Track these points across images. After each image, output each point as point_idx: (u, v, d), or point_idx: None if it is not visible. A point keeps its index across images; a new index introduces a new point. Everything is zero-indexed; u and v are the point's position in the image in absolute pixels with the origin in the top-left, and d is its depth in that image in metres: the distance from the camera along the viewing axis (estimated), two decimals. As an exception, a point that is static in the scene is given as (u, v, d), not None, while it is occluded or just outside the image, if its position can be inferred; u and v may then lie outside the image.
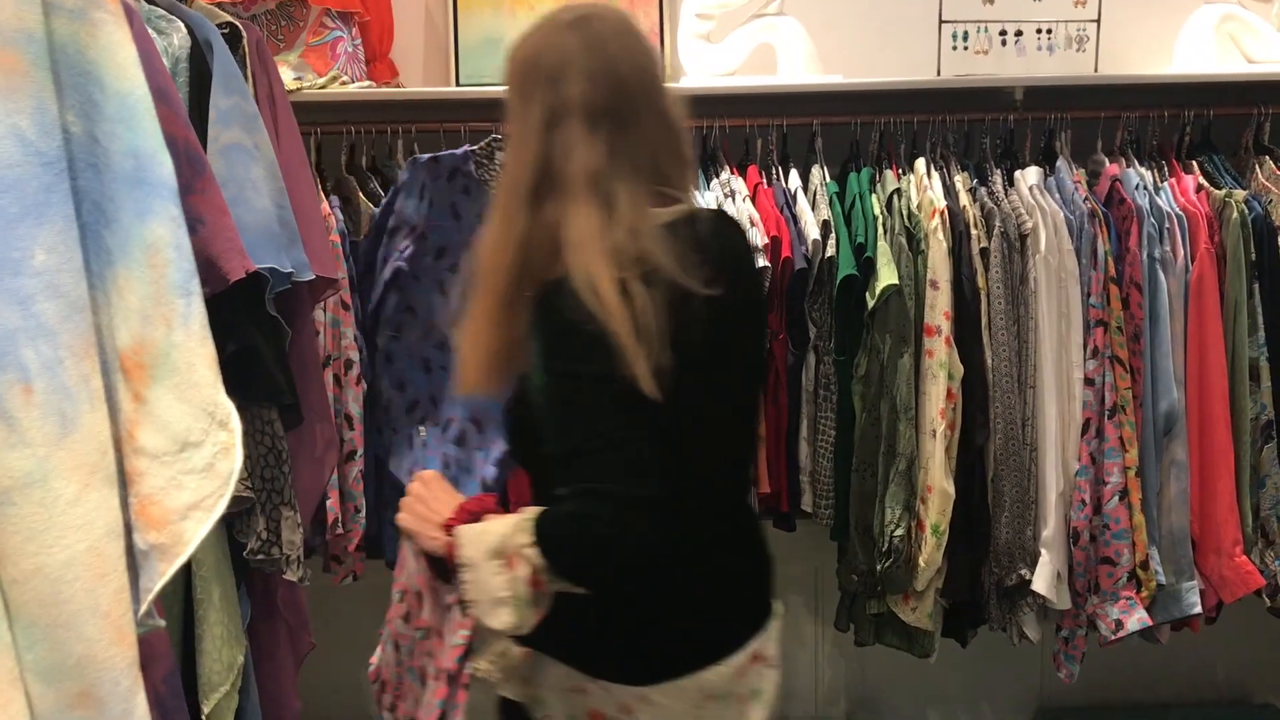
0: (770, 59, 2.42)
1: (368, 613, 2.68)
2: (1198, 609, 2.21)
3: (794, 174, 2.35)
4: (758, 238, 2.18)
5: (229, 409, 0.81)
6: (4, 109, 0.69)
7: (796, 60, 2.39)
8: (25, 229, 0.70)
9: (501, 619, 1.24)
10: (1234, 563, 2.20)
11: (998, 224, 2.22)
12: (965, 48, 2.44)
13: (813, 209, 2.27)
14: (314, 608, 2.00)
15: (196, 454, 0.80)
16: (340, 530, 2.10)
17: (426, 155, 2.06)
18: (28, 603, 0.68)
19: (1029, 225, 2.22)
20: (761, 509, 2.29)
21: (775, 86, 2.38)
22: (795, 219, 2.25)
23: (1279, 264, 2.24)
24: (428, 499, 1.36)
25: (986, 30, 2.44)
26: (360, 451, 2.14)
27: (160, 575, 0.77)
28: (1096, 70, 2.48)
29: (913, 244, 2.22)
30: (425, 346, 2.15)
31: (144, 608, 0.77)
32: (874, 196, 2.27)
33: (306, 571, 1.75)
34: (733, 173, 2.34)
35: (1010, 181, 2.32)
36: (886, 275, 2.17)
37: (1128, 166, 2.32)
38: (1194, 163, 2.36)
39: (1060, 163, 2.34)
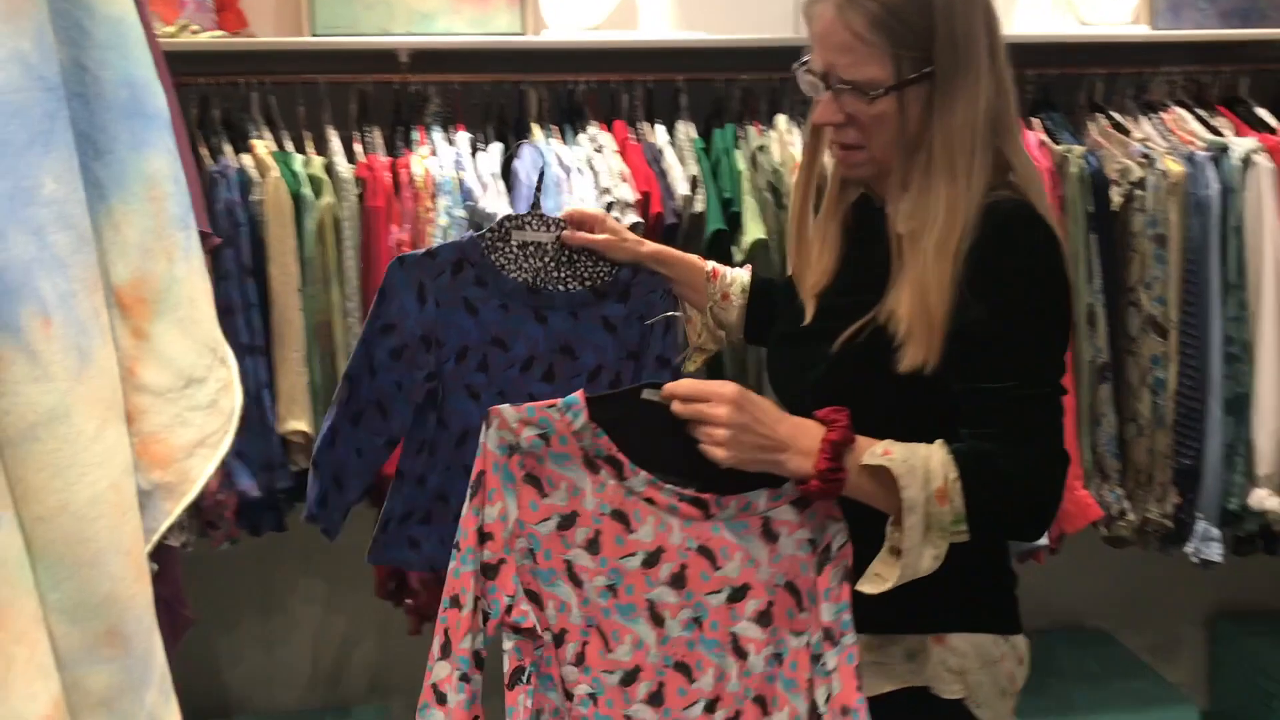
0: (632, 14, 2.43)
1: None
2: (1045, 541, 2.36)
3: (660, 129, 2.37)
4: (628, 193, 2.20)
5: (227, 346, 0.79)
6: (6, 31, 0.64)
7: (659, 16, 2.41)
8: (34, 157, 0.66)
9: (927, 563, 1.20)
10: (1074, 495, 2.36)
11: (857, 179, 2.30)
12: (822, 6, 2.50)
13: (680, 164, 2.30)
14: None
15: (200, 390, 0.78)
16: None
17: (417, 253, 1.69)
18: (53, 541, 0.65)
19: (886, 180, 2.30)
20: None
21: (639, 42, 2.40)
22: (664, 174, 2.27)
23: (1111, 216, 2.39)
24: (751, 422, 1.22)
25: (842, -11, 2.50)
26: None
27: (166, 515, 0.75)
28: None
29: (778, 199, 2.28)
30: (464, 455, 1.70)
31: (148, 548, 0.75)
32: (739, 152, 2.32)
33: (189, 537, 1.70)
34: (600, 128, 2.35)
35: (867, 137, 2.40)
36: (754, 229, 2.22)
37: (975, 123, 2.43)
38: (1036, 120, 2.48)
39: (913, 120, 2.42)
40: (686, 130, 2.38)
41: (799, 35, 2.45)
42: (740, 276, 1.66)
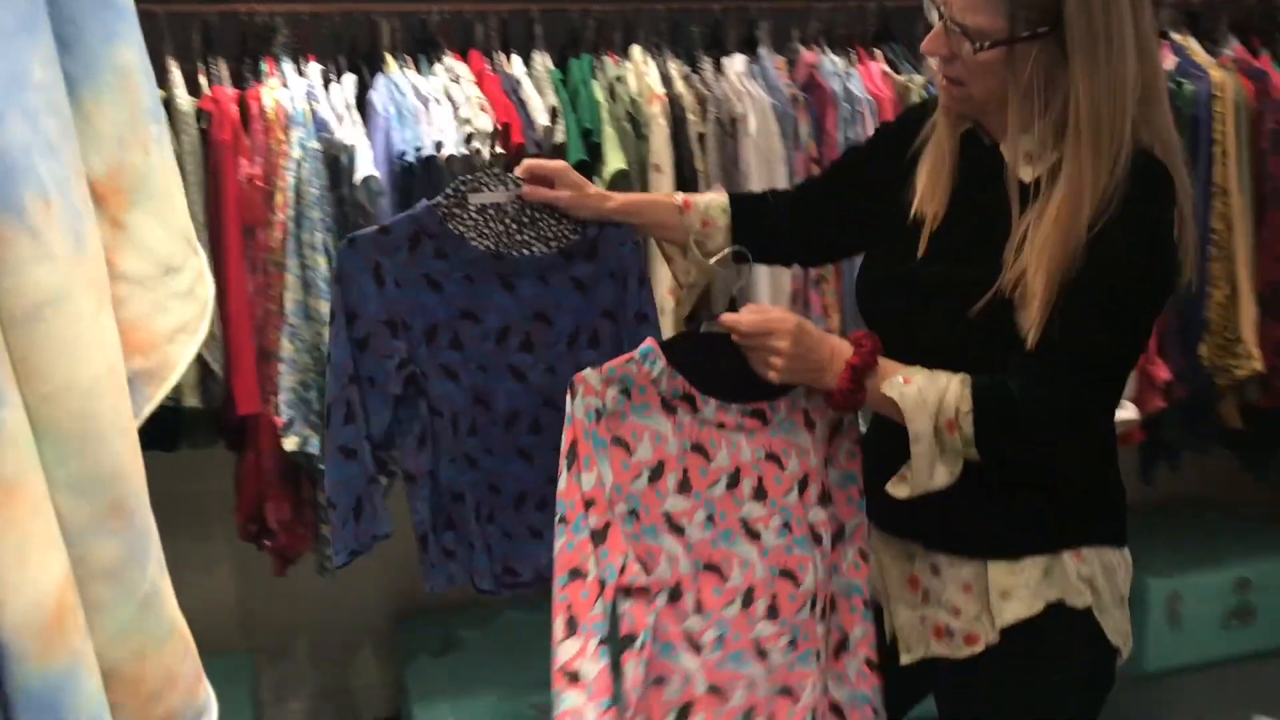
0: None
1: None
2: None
3: (516, 60, 2.37)
4: (488, 123, 2.19)
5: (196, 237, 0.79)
6: None
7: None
8: (24, 42, 0.66)
9: (940, 479, 1.33)
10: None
11: (712, 109, 2.35)
12: (673, -62, 2.53)
13: (538, 95, 2.30)
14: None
15: (178, 278, 0.79)
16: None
17: (368, 231, 1.57)
18: (60, 418, 0.67)
19: (739, 110, 2.36)
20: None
21: (492, -28, 2.38)
22: (523, 104, 2.28)
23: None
24: (804, 351, 1.35)
25: (693, -78, 2.53)
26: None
27: (149, 399, 0.75)
28: (790, -36, 2.64)
29: (636, 129, 2.31)
30: (466, 442, 1.66)
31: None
32: (596, 83, 2.34)
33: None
34: (455, 58, 2.33)
35: (719, 68, 2.45)
36: (615, 159, 2.25)
37: (822, 54, 2.51)
38: (877, 50, 2.58)
39: (762, 50, 2.49)
40: (543, 61, 2.38)
41: (651, -34, 2.49)
42: (716, 199, 1.63)
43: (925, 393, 1.32)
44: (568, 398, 1.34)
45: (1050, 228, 1.29)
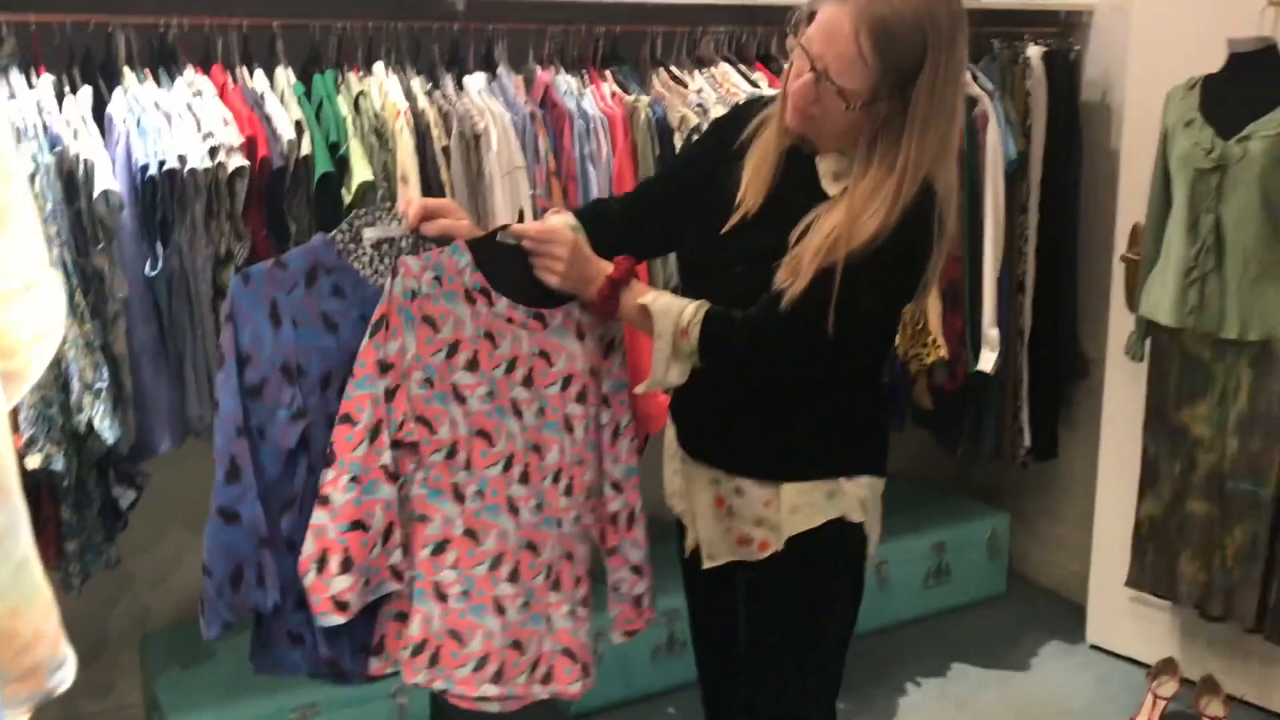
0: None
1: None
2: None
3: (259, 74, 2.40)
4: (233, 136, 2.22)
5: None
6: None
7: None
8: None
9: (674, 376, 1.66)
10: (657, 400, 2.69)
11: (455, 124, 2.47)
12: (411, -41, 2.63)
13: (283, 109, 2.35)
14: None
15: (37, 293, 0.87)
16: None
17: (263, 265, 1.49)
18: None
19: (481, 125, 2.49)
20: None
21: (231, -13, 2.40)
22: (268, 119, 2.32)
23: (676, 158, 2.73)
24: (578, 262, 1.65)
25: (428, -56, 2.64)
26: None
27: (13, 396, 0.81)
28: (524, -13, 2.79)
29: (382, 142, 2.40)
30: None
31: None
32: (340, 98, 2.41)
33: None
34: (197, 71, 2.34)
35: (460, 86, 2.57)
36: (361, 171, 2.33)
37: (557, 74, 2.67)
38: (607, 72, 2.77)
39: (500, 69, 2.63)
40: (286, 75, 2.43)
41: (391, -14, 2.57)
42: (565, 220, 1.79)
43: (670, 306, 1.65)
44: (389, 278, 1.54)
45: (831, 226, 1.57)
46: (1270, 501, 2.70)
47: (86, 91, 2.25)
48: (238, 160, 2.21)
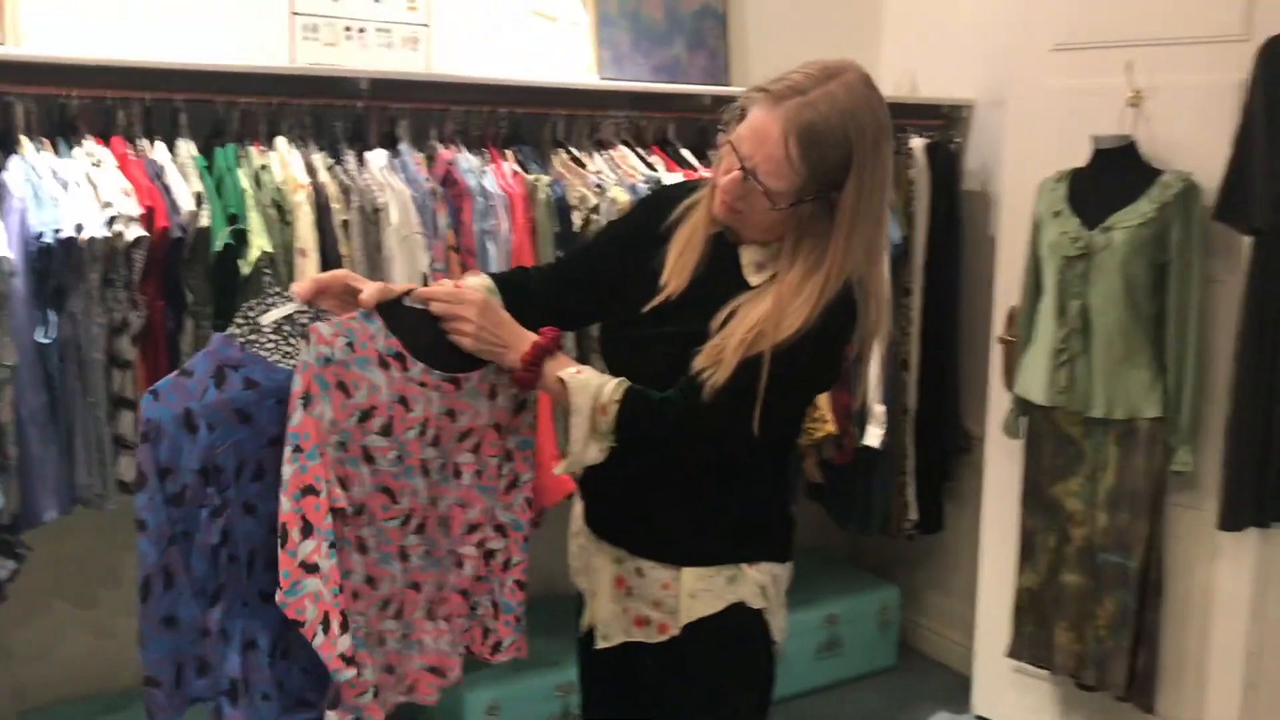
0: (128, 31, 2.47)
1: None
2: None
3: (160, 147, 2.43)
4: (132, 207, 2.25)
5: None
6: None
7: (154, 37, 2.47)
8: None
9: (592, 454, 1.64)
10: (549, 474, 2.73)
11: (355, 199, 2.52)
12: (316, 39, 2.69)
13: (183, 180, 2.38)
14: None
15: None
16: None
17: (167, 380, 1.51)
18: None
19: (382, 200, 2.54)
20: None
21: (134, 61, 2.43)
22: (167, 190, 2.34)
23: (573, 235, 2.81)
24: (490, 325, 1.65)
25: (334, 24, 2.71)
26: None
27: None
28: (428, 67, 2.87)
29: (282, 214, 2.44)
30: (261, 579, 1.61)
31: None
32: (241, 171, 2.45)
33: None
34: (97, 142, 2.37)
35: (362, 161, 2.63)
36: (261, 243, 2.36)
37: (458, 152, 2.74)
38: (509, 151, 2.85)
39: (403, 147, 2.70)
40: (187, 148, 2.46)
41: (294, 66, 2.64)
42: (480, 281, 1.81)
43: (588, 381, 1.65)
44: (302, 343, 1.55)
45: (756, 318, 1.61)
46: (1137, 573, 2.82)
47: (-18, 160, 2.26)
48: (136, 230, 2.23)
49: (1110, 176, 2.81)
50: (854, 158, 1.58)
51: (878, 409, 3.18)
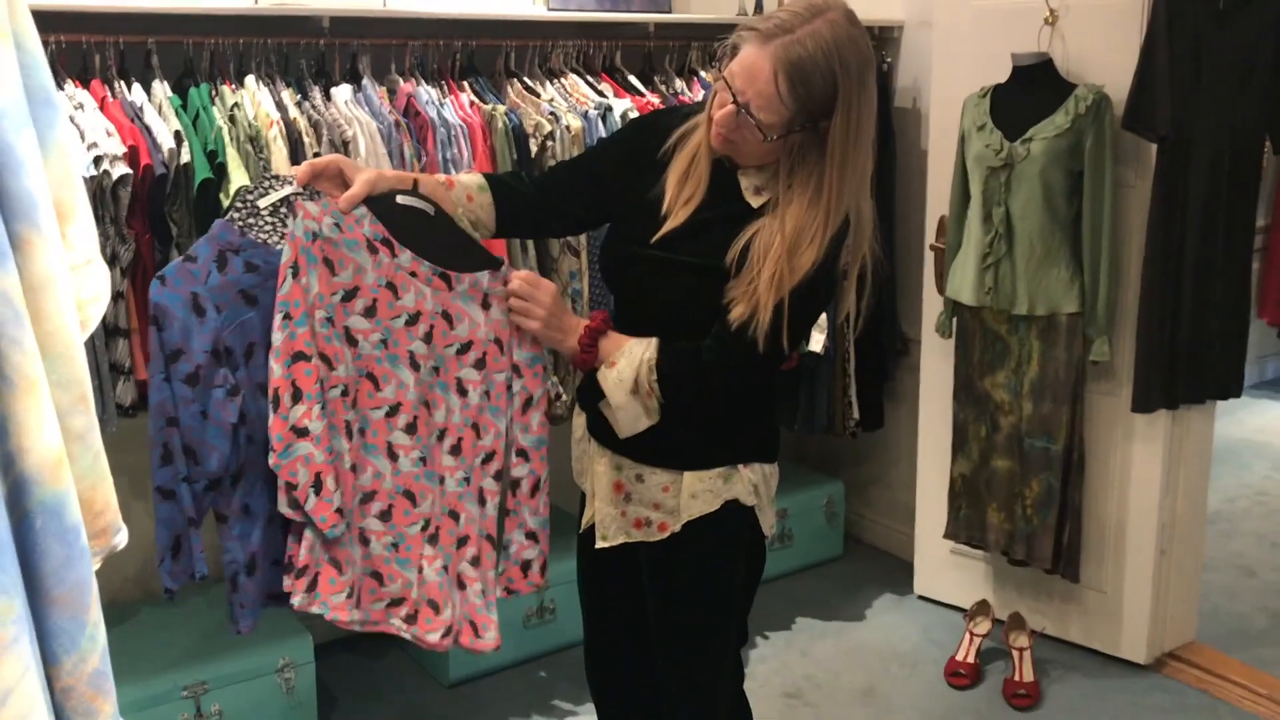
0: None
1: None
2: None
3: (137, 88, 2.55)
4: (116, 146, 2.37)
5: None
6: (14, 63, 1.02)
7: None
8: (28, 129, 1.03)
9: (643, 425, 1.82)
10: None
11: (325, 132, 2.67)
12: (277, -21, 2.80)
13: (161, 120, 2.51)
14: None
15: (93, 266, 1.12)
16: None
17: (172, 265, 1.59)
18: (54, 344, 1.03)
19: (350, 133, 2.69)
20: (140, 393, 2.53)
21: (109, 6, 2.54)
22: (148, 129, 2.47)
23: (531, 161, 2.97)
24: (558, 314, 1.81)
25: (294, -35, 2.82)
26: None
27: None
28: (385, 4, 2.99)
29: (257, 149, 2.58)
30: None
31: None
32: (215, 109, 2.58)
33: None
34: (76, 86, 2.48)
35: (328, 97, 2.77)
36: (238, 177, 2.50)
37: (418, 85, 2.89)
38: (465, 83, 2.99)
39: (365, 82, 2.83)
40: (162, 89, 2.58)
41: (257, 7, 2.75)
42: (473, 179, 1.91)
43: (624, 373, 1.80)
44: (290, 218, 1.63)
45: (775, 258, 1.72)
46: (1061, 456, 3.10)
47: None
48: (121, 169, 2.36)
49: (1029, 91, 3.02)
50: (840, 90, 1.68)
51: (820, 317, 3.40)
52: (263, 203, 1.67)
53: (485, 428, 1.83)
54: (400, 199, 1.72)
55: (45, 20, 2.50)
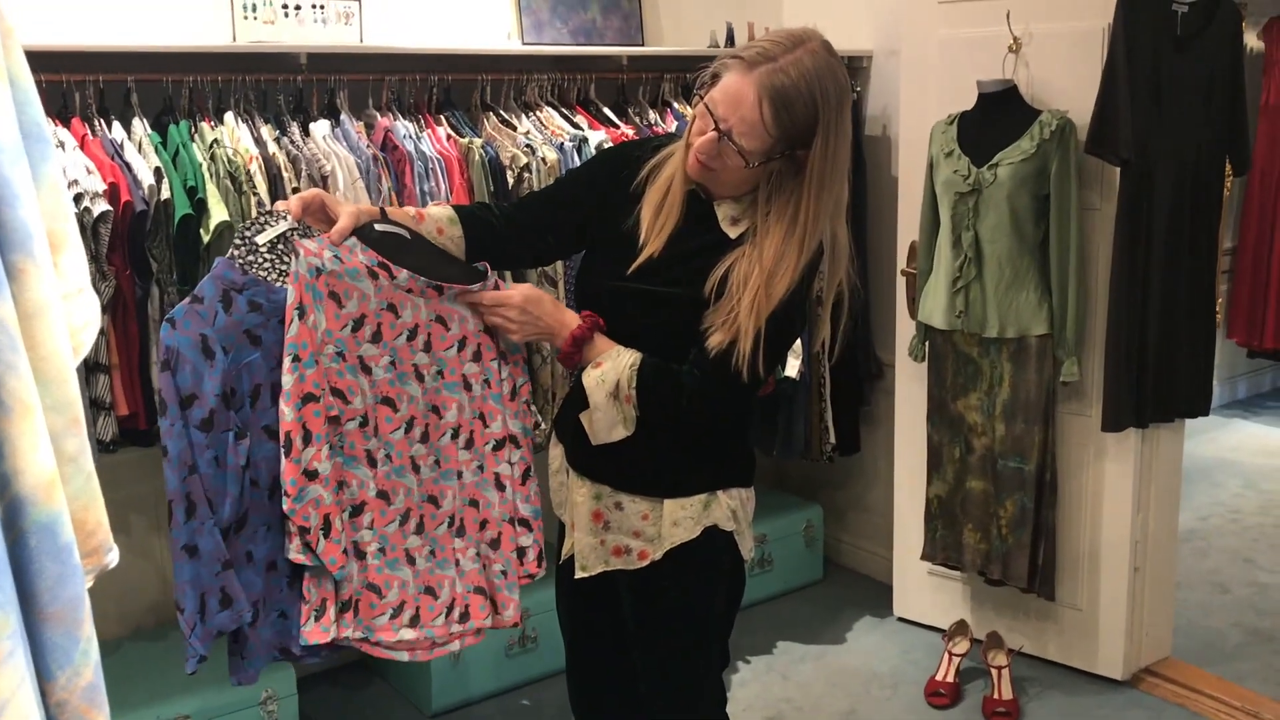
0: (77, 15, 2.60)
1: None
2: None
3: (116, 126, 2.59)
4: (97, 183, 2.40)
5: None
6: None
7: (98, 22, 2.61)
8: (23, 162, 1.07)
9: (618, 433, 1.84)
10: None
11: (304, 167, 2.70)
12: (255, 18, 2.85)
13: (141, 157, 2.54)
14: None
15: (86, 294, 1.17)
16: None
17: (180, 307, 1.58)
18: (46, 370, 1.06)
19: (328, 168, 2.72)
20: (121, 429, 2.54)
21: (88, 46, 2.57)
22: (128, 166, 2.50)
23: (508, 193, 3.01)
24: (531, 318, 1.84)
25: (271, 3, 2.87)
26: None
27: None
28: (362, 41, 3.04)
29: (237, 185, 2.61)
30: (281, 504, 1.68)
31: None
32: (195, 145, 2.61)
33: None
34: (56, 124, 2.51)
35: (306, 132, 2.80)
36: (218, 213, 2.53)
37: (395, 120, 2.93)
38: (442, 117, 3.04)
39: (343, 116, 2.87)
40: (142, 126, 2.61)
41: (236, 44, 2.80)
42: (443, 211, 1.93)
43: (607, 376, 1.82)
44: (292, 258, 1.66)
45: (755, 286, 1.76)
46: (1034, 476, 3.14)
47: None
48: (102, 205, 2.39)
49: (995, 118, 3.09)
50: (820, 118, 1.72)
51: (795, 344, 3.44)
52: (260, 239, 1.69)
53: (491, 415, 1.90)
54: (378, 226, 1.78)
55: (26, 59, 2.55)
